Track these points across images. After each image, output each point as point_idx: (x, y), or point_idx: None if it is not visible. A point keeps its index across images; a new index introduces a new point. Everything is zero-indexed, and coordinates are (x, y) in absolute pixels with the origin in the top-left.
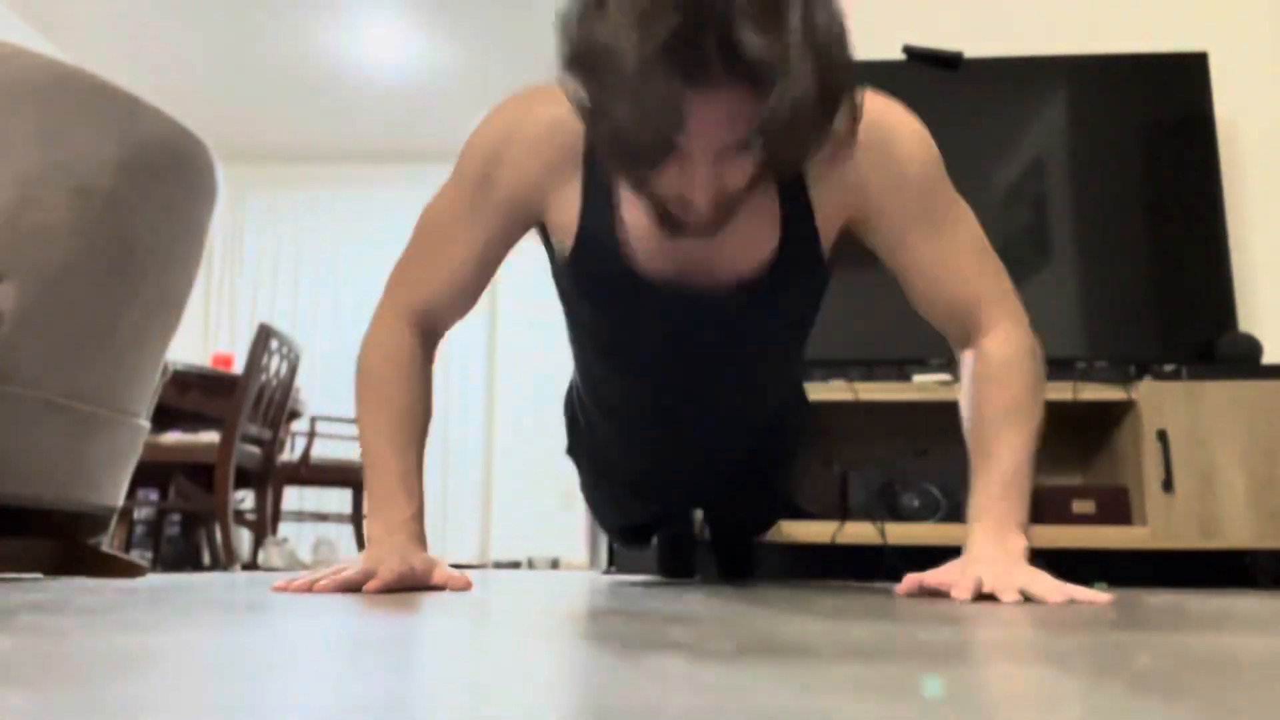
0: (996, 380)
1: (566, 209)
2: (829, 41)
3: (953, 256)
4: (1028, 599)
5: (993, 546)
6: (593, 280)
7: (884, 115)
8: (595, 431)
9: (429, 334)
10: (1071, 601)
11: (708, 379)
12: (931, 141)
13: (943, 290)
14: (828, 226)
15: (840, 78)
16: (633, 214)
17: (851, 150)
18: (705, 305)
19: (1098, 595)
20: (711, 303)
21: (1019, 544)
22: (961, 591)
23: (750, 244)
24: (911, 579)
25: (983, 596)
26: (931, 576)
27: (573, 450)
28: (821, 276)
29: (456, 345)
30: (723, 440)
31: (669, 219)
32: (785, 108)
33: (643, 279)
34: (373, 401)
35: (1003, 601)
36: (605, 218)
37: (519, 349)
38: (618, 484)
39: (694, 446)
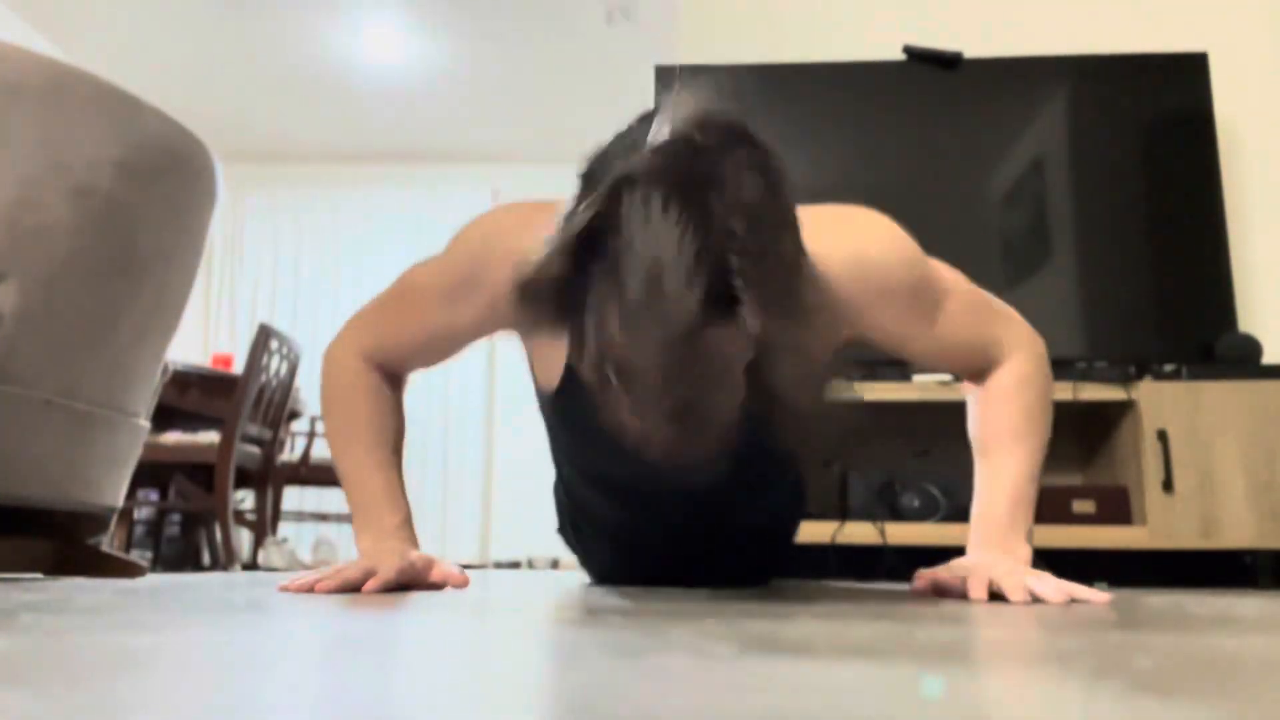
0: (1004, 394)
1: (552, 344)
2: (793, 264)
3: (954, 330)
4: (1035, 599)
5: (998, 551)
6: (578, 418)
7: (854, 240)
8: (580, 527)
9: (389, 375)
10: (1073, 600)
11: (691, 507)
12: (903, 241)
13: (955, 358)
14: (821, 356)
15: (801, 261)
16: None
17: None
18: (690, 465)
19: (1097, 594)
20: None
21: (1024, 553)
22: (978, 591)
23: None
24: (925, 576)
25: (992, 596)
26: (944, 571)
27: (562, 531)
28: None
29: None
30: (715, 545)
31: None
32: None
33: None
34: (344, 420)
35: (1012, 601)
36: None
37: (519, 349)
38: (609, 569)
39: (686, 553)
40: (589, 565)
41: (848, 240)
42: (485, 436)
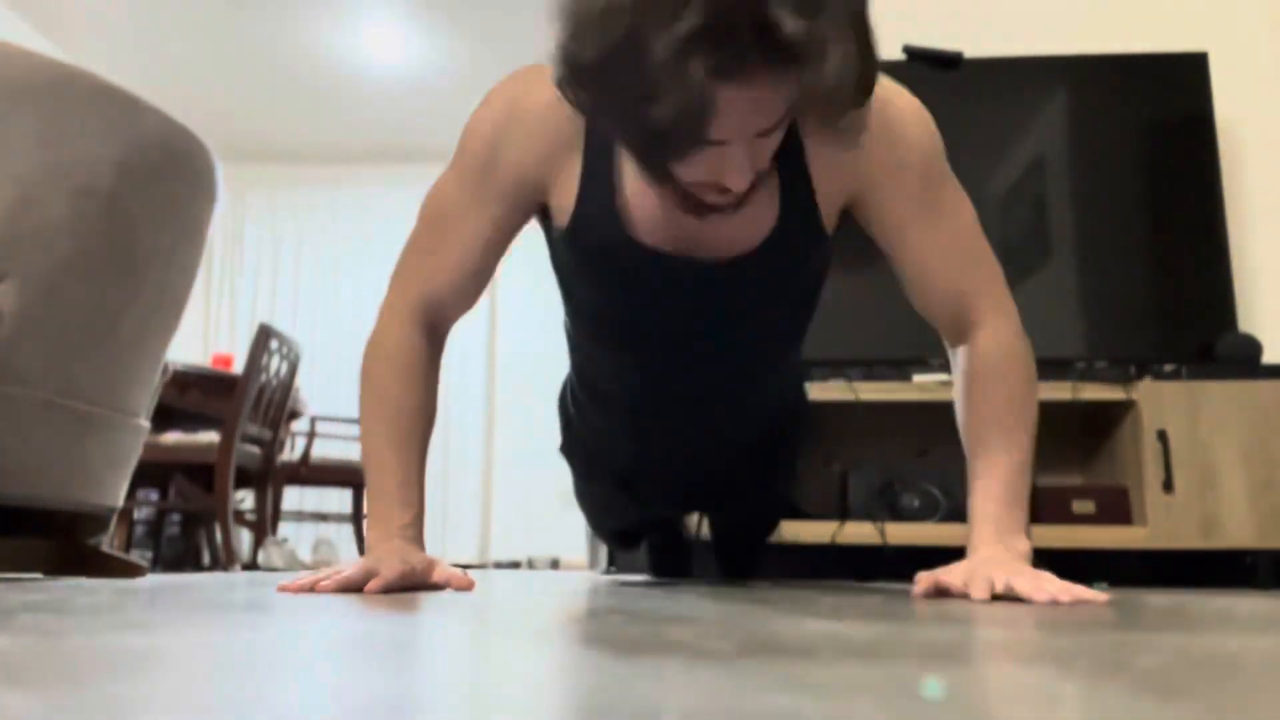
0: (991, 380)
1: (567, 185)
2: (863, 20)
3: (949, 246)
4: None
5: (998, 549)
6: (590, 251)
7: (889, 97)
8: (588, 423)
9: (435, 329)
10: (1078, 601)
11: (703, 361)
12: (935, 128)
13: (936, 280)
14: (828, 202)
15: (875, 58)
16: (633, 188)
17: (860, 132)
18: (703, 278)
19: (1097, 595)
20: (710, 276)
21: (1023, 547)
22: (979, 592)
23: (750, 218)
24: (926, 578)
25: (997, 597)
26: (945, 574)
27: (566, 447)
28: (822, 251)
29: (456, 345)
30: (718, 434)
31: (692, 201)
32: (826, 90)
33: (641, 248)
34: (375, 405)
35: (1034, 599)
36: (605, 191)
37: (519, 349)
38: (610, 481)
39: (688, 439)
40: (591, 486)
41: (886, 100)
42: (485, 436)
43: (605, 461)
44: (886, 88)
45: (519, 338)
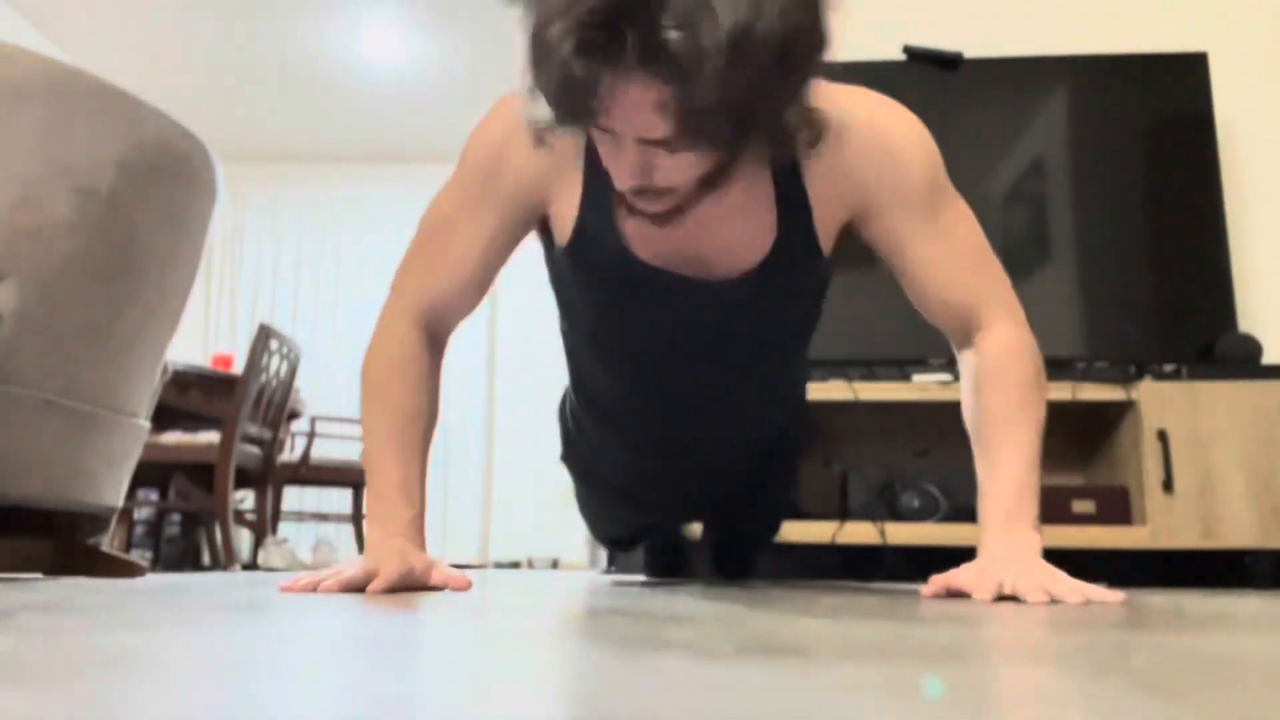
0: (998, 379)
1: (568, 200)
2: (759, 42)
3: (952, 257)
4: (1052, 601)
5: (1008, 546)
6: (590, 267)
7: (885, 114)
8: (587, 435)
9: (436, 335)
10: (1088, 602)
11: (702, 375)
12: (932, 142)
13: (942, 290)
14: (826, 222)
15: (767, 81)
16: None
17: (842, 146)
18: (701, 297)
19: (1111, 594)
20: (707, 294)
21: (1033, 541)
22: (983, 593)
23: (747, 238)
24: (937, 580)
25: (1004, 598)
26: (954, 578)
27: (566, 456)
28: (820, 272)
29: (456, 346)
30: (718, 445)
31: (626, 200)
32: (695, 108)
33: (639, 264)
34: (376, 405)
35: (1028, 602)
36: (605, 207)
37: (519, 350)
38: (609, 490)
39: (688, 450)
40: (591, 495)
41: (872, 108)
42: (485, 436)
43: (605, 472)
44: (880, 103)
45: (519, 339)
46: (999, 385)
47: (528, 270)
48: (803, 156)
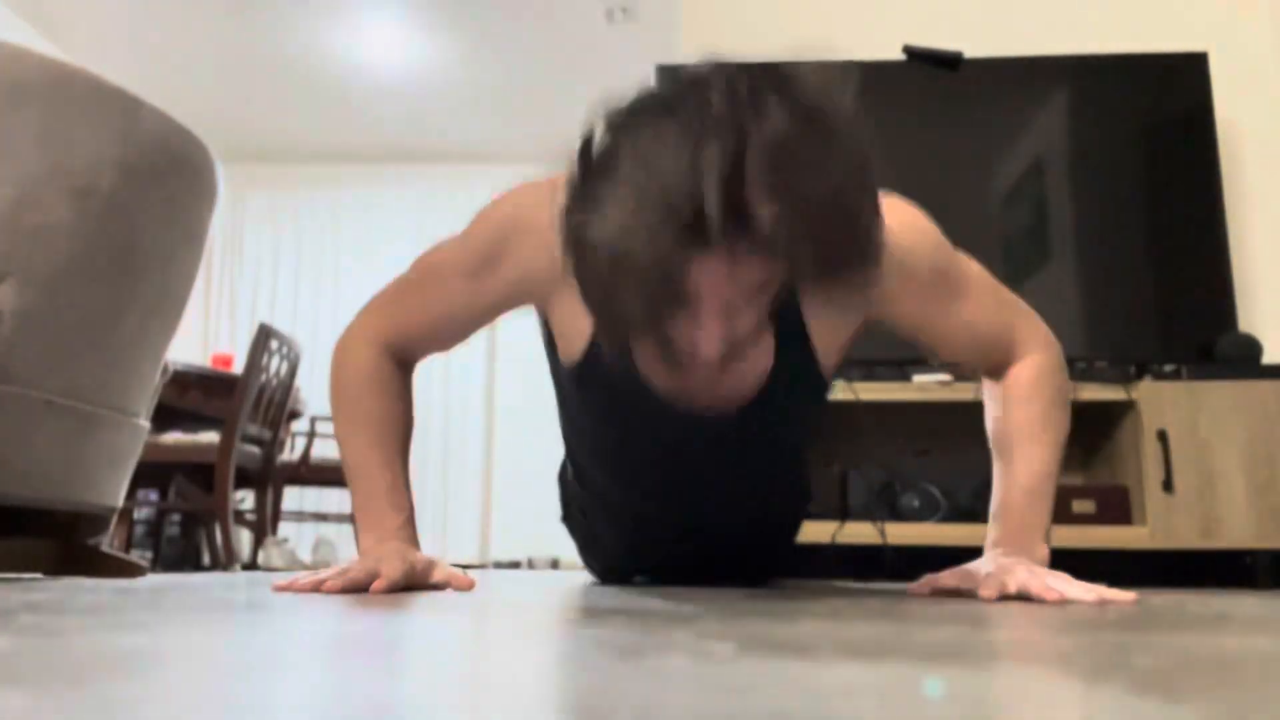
0: (1022, 393)
1: (573, 313)
2: (839, 204)
3: (974, 316)
4: (1065, 600)
5: (1015, 551)
6: (599, 388)
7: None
8: (586, 512)
9: (402, 362)
10: (1104, 601)
11: (703, 482)
12: (932, 227)
13: (970, 348)
14: (827, 345)
15: (867, 228)
16: None
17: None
18: (709, 428)
19: (1125, 595)
20: (713, 423)
21: (1041, 553)
22: (989, 591)
23: (749, 366)
24: (930, 581)
25: (1009, 597)
26: (950, 576)
27: (565, 519)
28: (819, 390)
29: (456, 346)
30: (717, 532)
31: (673, 356)
32: (799, 276)
33: (654, 398)
34: (351, 416)
35: (1045, 600)
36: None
37: (519, 349)
38: (611, 556)
39: (688, 534)
40: (591, 554)
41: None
42: (485, 436)
43: (605, 541)
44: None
45: (519, 338)
46: (1023, 401)
47: None
48: (802, 290)
